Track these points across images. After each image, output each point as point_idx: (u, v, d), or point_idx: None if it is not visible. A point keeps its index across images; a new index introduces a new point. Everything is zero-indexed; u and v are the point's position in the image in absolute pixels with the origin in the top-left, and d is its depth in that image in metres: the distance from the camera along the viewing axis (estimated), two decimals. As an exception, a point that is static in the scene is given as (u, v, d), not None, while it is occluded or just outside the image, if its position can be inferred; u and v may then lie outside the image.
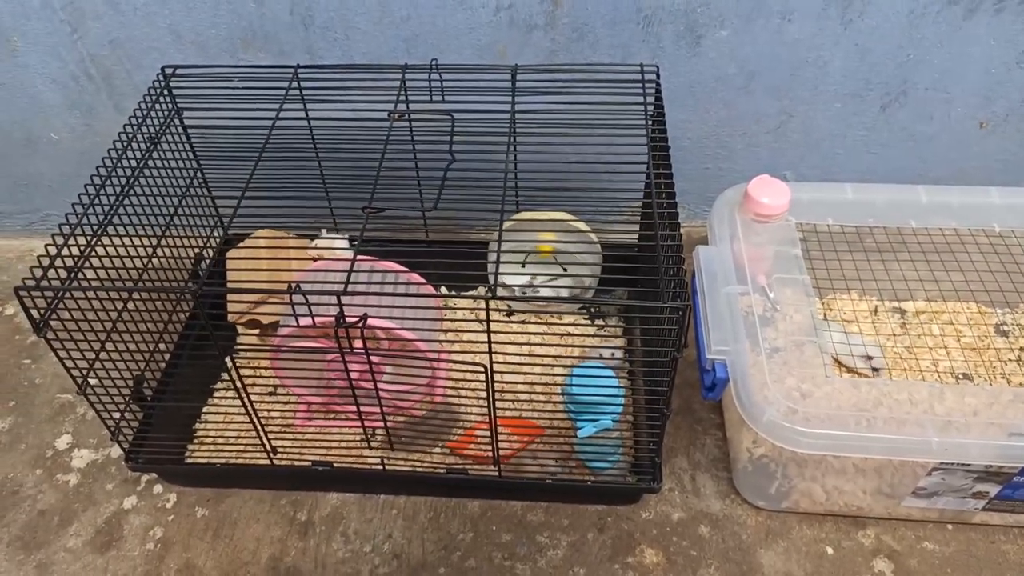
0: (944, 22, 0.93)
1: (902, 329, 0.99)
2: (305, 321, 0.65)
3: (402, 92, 0.85)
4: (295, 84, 0.87)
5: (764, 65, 0.98)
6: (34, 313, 0.67)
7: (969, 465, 0.74)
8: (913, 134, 1.05)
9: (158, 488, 0.89)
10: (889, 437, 0.72)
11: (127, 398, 0.81)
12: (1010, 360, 0.95)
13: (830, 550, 0.83)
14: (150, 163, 0.85)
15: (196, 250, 0.97)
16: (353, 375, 0.72)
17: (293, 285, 0.64)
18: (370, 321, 0.65)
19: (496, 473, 0.81)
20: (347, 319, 0.63)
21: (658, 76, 0.84)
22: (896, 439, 0.72)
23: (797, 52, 0.97)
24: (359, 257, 0.66)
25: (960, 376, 0.93)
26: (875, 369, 0.91)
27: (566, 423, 0.88)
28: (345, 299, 0.62)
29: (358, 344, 0.67)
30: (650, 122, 0.80)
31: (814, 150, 1.08)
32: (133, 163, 0.82)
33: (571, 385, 0.83)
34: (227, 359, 0.72)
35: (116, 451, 0.93)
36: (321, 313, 0.66)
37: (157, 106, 0.88)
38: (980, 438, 0.72)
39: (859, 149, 1.07)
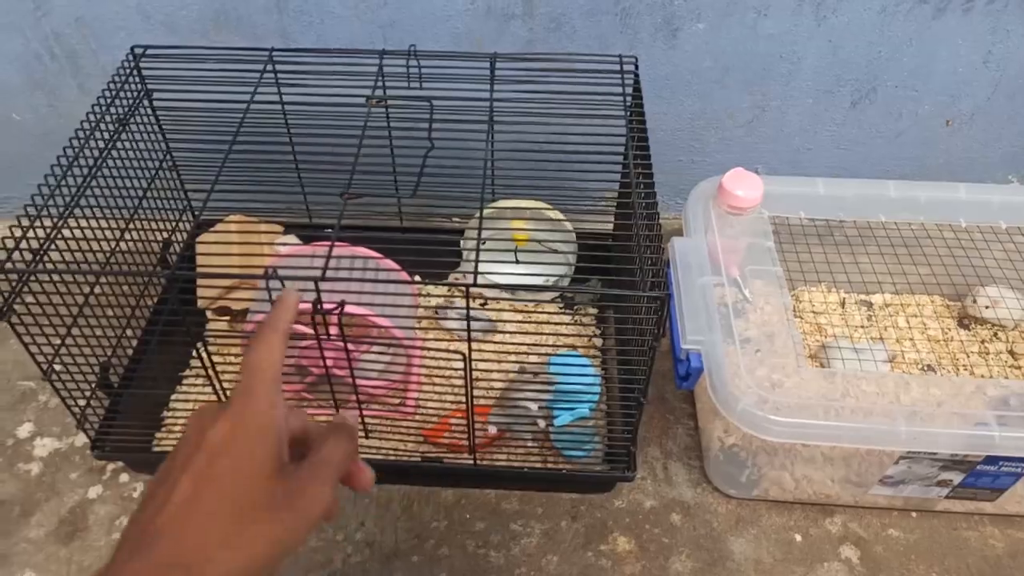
0: (914, 20, 0.95)
1: (869, 321, 1.01)
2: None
3: (379, 78, 0.84)
4: (269, 67, 0.85)
5: (739, 60, 0.99)
6: (-2, 296, 0.65)
7: (936, 454, 0.76)
8: (882, 131, 1.07)
9: (124, 477, 0.87)
10: (859, 426, 0.73)
11: (93, 385, 0.79)
12: (972, 352, 0.97)
13: (798, 537, 0.84)
14: (118, 145, 0.83)
15: (165, 235, 0.95)
16: (328, 363, 0.72)
17: (268, 270, 0.63)
18: (348, 308, 0.64)
19: (471, 462, 0.81)
20: (324, 306, 0.63)
21: (636, 68, 0.84)
22: (865, 427, 0.73)
23: (771, 47, 0.98)
24: (336, 243, 0.65)
25: (925, 367, 0.95)
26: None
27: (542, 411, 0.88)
28: (322, 285, 0.62)
29: (334, 331, 0.66)
30: (629, 113, 0.81)
31: (785, 145, 1.09)
32: (101, 144, 0.80)
33: (549, 374, 0.84)
34: (198, 345, 0.71)
35: (80, 440, 0.91)
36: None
37: (126, 87, 0.85)
38: (946, 428, 0.73)
39: (829, 145, 1.09)
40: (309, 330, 0.65)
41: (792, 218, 0.93)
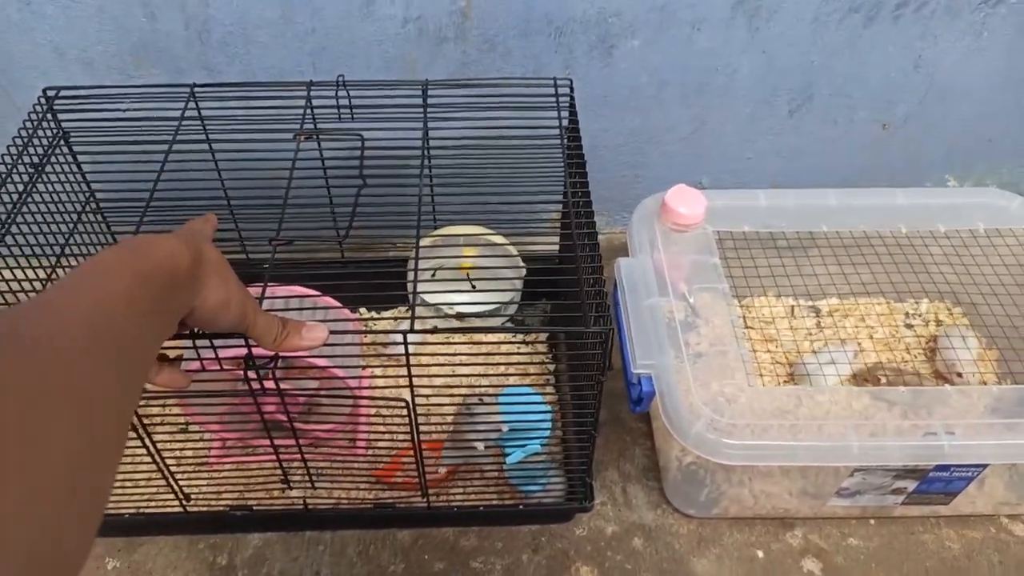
0: (846, 29, 0.95)
1: (818, 328, 1.01)
2: (211, 363, 0.61)
3: (308, 110, 0.81)
4: (192, 104, 0.82)
5: (675, 74, 0.98)
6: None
7: (888, 465, 0.76)
8: (820, 138, 1.07)
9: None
10: (811, 444, 0.73)
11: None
12: (919, 356, 0.98)
13: (760, 553, 0.84)
14: (35, 193, 0.78)
15: (92, 282, 0.91)
16: (268, 412, 0.69)
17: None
18: (288, 358, 0.62)
19: (425, 504, 0.79)
20: (257, 360, 0.60)
21: (571, 90, 0.83)
22: (818, 445, 0.73)
23: (706, 61, 0.97)
24: (269, 286, 0.62)
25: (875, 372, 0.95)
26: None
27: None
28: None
29: (271, 384, 0.63)
30: (565, 138, 0.79)
31: (726, 155, 1.09)
32: (16, 193, 0.76)
33: (495, 413, 0.82)
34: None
35: (12, 504, 0.86)
36: (228, 352, 0.62)
37: (40, 131, 0.81)
38: (897, 439, 0.74)
39: (769, 153, 1.09)
40: (243, 386, 0.62)
41: (736, 232, 0.93)
